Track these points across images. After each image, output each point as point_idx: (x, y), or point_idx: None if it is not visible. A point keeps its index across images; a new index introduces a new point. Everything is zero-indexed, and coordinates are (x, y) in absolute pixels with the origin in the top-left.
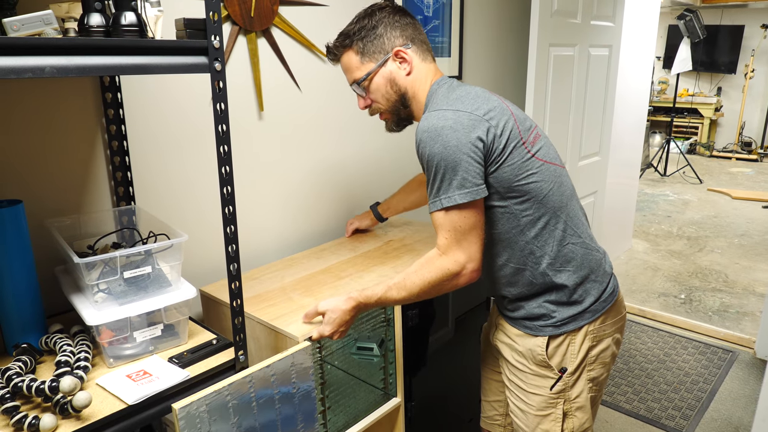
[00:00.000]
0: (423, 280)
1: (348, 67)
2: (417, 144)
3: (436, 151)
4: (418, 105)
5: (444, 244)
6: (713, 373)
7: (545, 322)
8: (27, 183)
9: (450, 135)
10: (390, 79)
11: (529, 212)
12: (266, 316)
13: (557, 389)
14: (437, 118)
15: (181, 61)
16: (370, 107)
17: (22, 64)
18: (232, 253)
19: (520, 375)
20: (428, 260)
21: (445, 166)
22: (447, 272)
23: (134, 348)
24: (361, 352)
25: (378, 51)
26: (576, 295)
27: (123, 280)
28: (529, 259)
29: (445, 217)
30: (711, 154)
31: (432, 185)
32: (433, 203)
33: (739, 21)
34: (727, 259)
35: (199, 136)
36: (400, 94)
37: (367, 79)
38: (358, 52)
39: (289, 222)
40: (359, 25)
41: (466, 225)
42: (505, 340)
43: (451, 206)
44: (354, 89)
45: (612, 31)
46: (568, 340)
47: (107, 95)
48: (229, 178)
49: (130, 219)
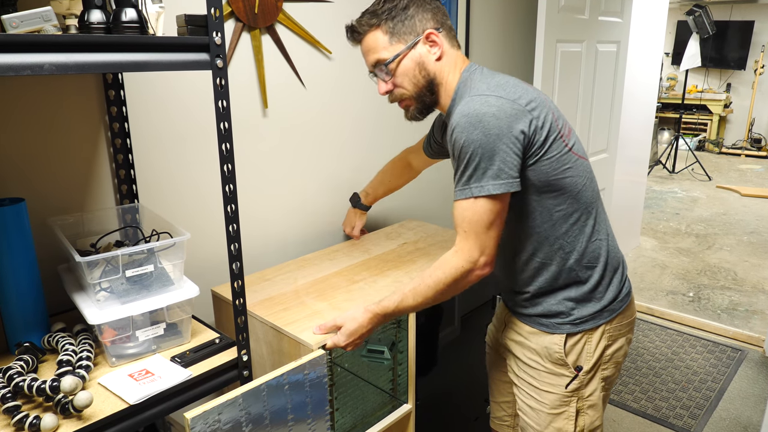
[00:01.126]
0: (438, 282)
1: (373, 47)
2: (452, 128)
3: (475, 137)
4: (446, 92)
5: (461, 238)
6: (722, 372)
7: (563, 319)
8: (30, 181)
9: (492, 122)
10: (419, 63)
11: (562, 207)
12: (279, 320)
13: (572, 387)
14: (480, 104)
15: (182, 58)
16: (392, 93)
17: (21, 61)
18: (234, 252)
19: (533, 373)
20: (442, 261)
21: (482, 154)
22: (461, 270)
23: (137, 347)
24: (371, 355)
25: (408, 32)
26: (597, 293)
27: (125, 279)
28: (558, 255)
29: (470, 207)
30: (720, 151)
31: (463, 172)
32: (461, 191)
33: (749, 16)
34: (736, 256)
35: (203, 133)
36: (429, 79)
37: (395, 61)
38: (387, 32)
39: (300, 220)
40: (388, 6)
41: (489, 218)
42: (516, 338)
43: (481, 196)
44: (376, 72)
45: (620, 27)
46: (584, 339)
47: (110, 92)
48: (231, 176)
49: (134, 217)
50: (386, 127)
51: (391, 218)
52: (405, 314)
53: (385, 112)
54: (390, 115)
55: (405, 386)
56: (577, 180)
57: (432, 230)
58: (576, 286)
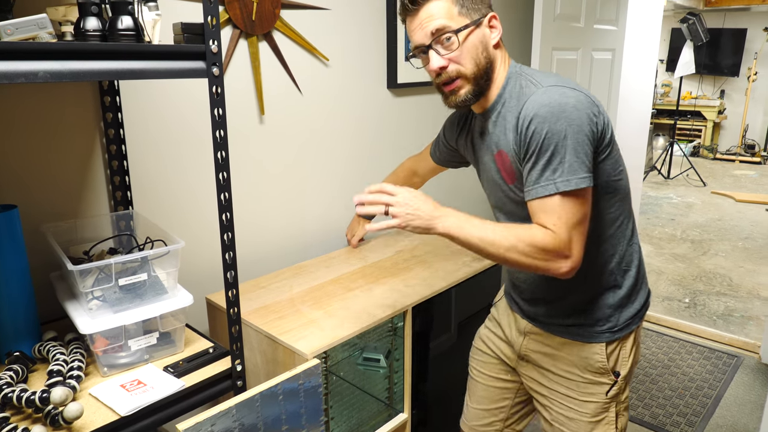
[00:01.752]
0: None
1: (438, 13)
2: (530, 119)
3: (559, 128)
4: (496, 82)
5: (556, 226)
6: (718, 379)
7: (602, 327)
8: (23, 187)
9: (574, 114)
10: (483, 43)
11: (612, 209)
12: (274, 329)
13: (612, 393)
14: (559, 95)
15: (178, 66)
16: (446, 69)
17: (15, 69)
18: (229, 261)
19: (570, 384)
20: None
21: (567, 145)
22: (548, 257)
23: (129, 357)
24: (367, 363)
25: (476, 9)
26: (632, 298)
27: (118, 287)
28: (602, 257)
29: (558, 203)
30: (714, 157)
31: (546, 166)
32: (544, 187)
33: (741, 24)
34: (732, 262)
35: (199, 140)
36: (489, 61)
37: (465, 32)
38: (456, 3)
39: (296, 227)
40: None
41: (579, 214)
42: (543, 349)
43: (569, 191)
44: (432, 45)
45: (615, 35)
46: (620, 345)
47: (106, 99)
48: (227, 185)
49: (128, 224)
50: (385, 134)
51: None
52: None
53: (384, 118)
54: (389, 121)
55: (401, 395)
56: (626, 184)
57: (428, 238)
58: (613, 291)
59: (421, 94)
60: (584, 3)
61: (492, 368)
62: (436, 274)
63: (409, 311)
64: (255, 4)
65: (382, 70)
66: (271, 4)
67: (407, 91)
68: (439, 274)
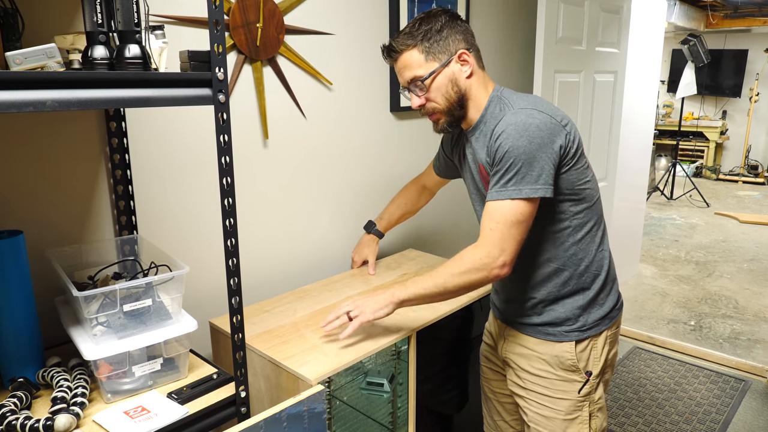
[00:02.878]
0: (456, 270)
1: (408, 64)
2: (498, 135)
3: (520, 144)
4: (475, 108)
5: (485, 235)
6: (726, 403)
7: (570, 327)
8: (29, 211)
9: (536, 133)
10: (452, 80)
11: (581, 215)
12: (278, 354)
13: (584, 392)
14: (525, 116)
15: (184, 94)
16: (425, 106)
17: (23, 99)
18: (234, 287)
19: (544, 382)
20: (463, 252)
21: (524, 160)
22: (480, 262)
23: (133, 383)
24: (371, 388)
25: (442, 52)
26: (600, 300)
27: (123, 313)
28: (572, 261)
29: (505, 207)
30: (717, 178)
31: (503, 176)
32: (499, 192)
33: (742, 45)
34: (737, 284)
35: (203, 164)
36: (460, 94)
37: (430, 78)
38: (423, 51)
39: (299, 251)
40: (424, 28)
41: (518, 219)
42: (519, 351)
43: (518, 198)
44: (410, 88)
45: (617, 57)
46: (591, 345)
47: (111, 124)
48: (232, 211)
49: (132, 248)
50: (387, 157)
51: (392, 249)
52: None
53: (386, 141)
54: (392, 144)
55: (405, 419)
56: (593, 192)
57: (432, 261)
58: (583, 293)
59: (423, 118)
60: (586, 26)
61: (500, 385)
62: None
63: (414, 336)
64: (260, 30)
65: (385, 94)
66: (275, 29)
67: (409, 115)
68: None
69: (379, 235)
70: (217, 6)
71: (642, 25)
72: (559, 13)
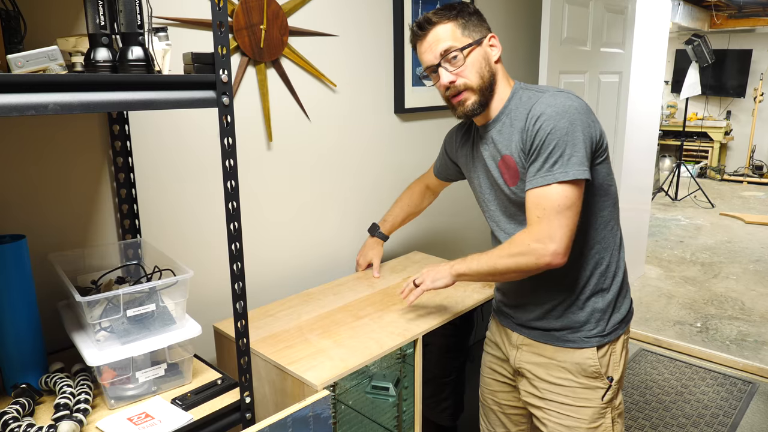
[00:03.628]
0: (503, 252)
1: (444, 36)
2: (536, 117)
3: (562, 125)
4: (499, 94)
5: (532, 223)
6: (733, 406)
7: (590, 331)
8: (31, 215)
9: (576, 116)
10: (486, 58)
11: (605, 211)
12: (283, 359)
13: (607, 398)
14: (564, 97)
15: (188, 96)
16: (455, 84)
17: (25, 102)
18: (238, 291)
19: (565, 391)
20: (515, 236)
21: (567, 141)
22: (526, 248)
23: (136, 389)
24: (376, 392)
25: (477, 30)
26: (618, 303)
27: (126, 318)
28: (593, 258)
29: (552, 192)
30: (722, 178)
31: (547, 160)
32: (545, 177)
33: (746, 45)
34: (743, 285)
35: (207, 167)
36: (492, 74)
37: (468, 50)
38: (459, 26)
39: (304, 253)
40: (458, 8)
41: (566, 204)
42: (536, 360)
43: (565, 181)
44: (441, 63)
45: (622, 58)
46: (610, 350)
47: (114, 127)
48: (236, 214)
49: (136, 252)
50: (392, 159)
51: (397, 251)
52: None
53: (391, 143)
54: (397, 146)
55: (410, 423)
56: (615, 190)
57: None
58: (602, 295)
59: (427, 119)
60: (591, 26)
61: (507, 396)
62: (446, 301)
63: (420, 339)
64: (263, 31)
65: (389, 95)
66: (279, 31)
67: (414, 116)
68: (449, 301)
69: (383, 238)
70: (221, 7)
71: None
72: (564, 14)
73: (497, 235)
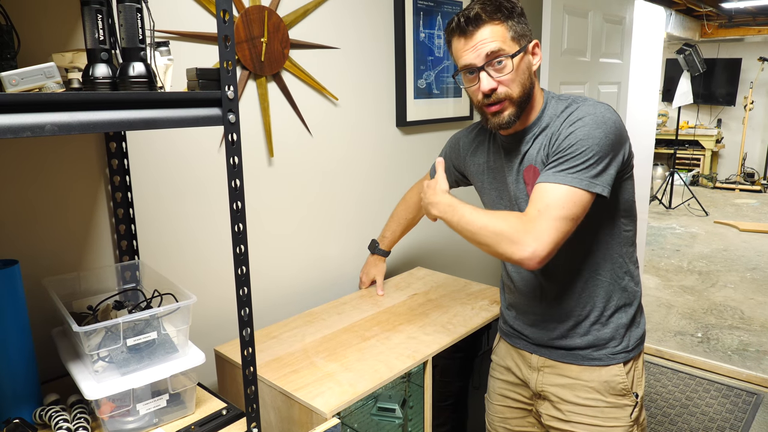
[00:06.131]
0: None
1: (494, 36)
2: (573, 122)
3: (596, 135)
4: (533, 104)
5: (530, 213)
6: (739, 418)
7: (615, 348)
8: (24, 238)
9: (612, 129)
10: (529, 68)
11: (629, 228)
12: (289, 385)
13: (635, 415)
14: (605, 109)
15: (192, 114)
16: (496, 91)
17: (20, 123)
18: (245, 317)
19: (593, 412)
20: (508, 215)
21: (596, 152)
22: (514, 234)
23: (137, 421)
24: (382, 414)
25: (524, 36)
26: (638, 319)
27: (126, 347)
28: (617, 274)
29: (559, 192)
30: (714, 186)
31: (567, 162)
32: (556, 175)
33: (736, 54)
34: (741, 294)
35: (209, 185)
36: (532, 85)
37: (518, 56)
38: (510, 28)
39: (305, 272)
40: (508, 5)
41: (573, 212)
42: (560, 381)
43: (576, 187)
44: (485, 67)
45: (620, 68)
46: (633, 365)
47: (111, 144)
48: (243, 237)
49: (133, 274)
50: (394, 173)
51: (400, 267)
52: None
53: (393, 156)
54: (399, 159)
55: None
56: (636, 208)
57: (442, 279)
58: (625, 310)
59: (429, 132)
60: (590, 37)
61: (521, 422)
62: (455, 320)
63: (429, 361)
64: (264, 44)
65: (391, 108)
66: (280, 44)
67: (416, 129)
68: (458, 319)
69: (384, 254)
70: (227, 21)
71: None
72: (564, 25)
73: None
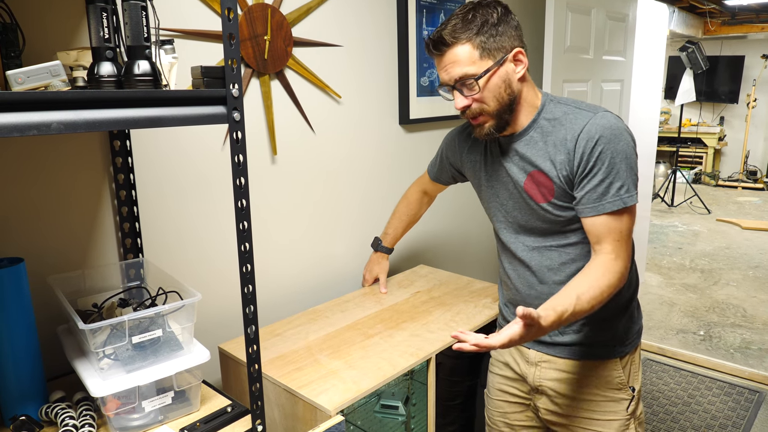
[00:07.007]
0: (608, 286)
1: (459, 60)
2: (595, 140)
3: (620, 148)
4: (526, 111)
5: (615, 248)
6: (741, 416)
7: (611, 342)
8: (29, 236)
9: (627, 137)
10: (506, 80)
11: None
12: (293, 382)
13: (631, 409)
14: (614, 119)
15: (197, 112)
16: (470, 108)
17: (26, 121)
18: (250, 315)
19: (591, 406)
20: (607, 266)
21: (626, 164)
22: (621, 276)
23: (142, 418)
24: (385, 411)
25: (498, 49)
26: (636, 314)
27: (131, 345)
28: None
29: (625, 216)
30: (717, 184)
31: (609, 183)
32: (612, 203)
33: (739, 51)
34: (744, 292)
35: (213, 183)
36: (512, 97)
37: (485, 77)
38: (478, 47)
39: (308, 269)
40: (479, 20)
41: (631, 226)
42: (558, 376)
43: (632, 204)
44: (457, 87)
45: (623, 66)
46: (630, 360)
47: (115, 143)
48: (248, 235)
49: (138, 272)
50: (397, 170)
51: (403, 265)
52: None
53: (397, 154)
54: (402, 157)
55: None
56: None
57: (444, 277)
58: (621, 304)
59: (432, 129)
60: (593, 35)
61: (520, 417)
62: (458, 317)
63: (433, 359)
64: (267, 42)
65: (394, 106)
66: (283, 42)
67: (419, 127)
68: (461, 317)
69: (387, 251)
70: (232, 19)
71: (645, 33)
72: (567, 22)
73: (511, 247)
